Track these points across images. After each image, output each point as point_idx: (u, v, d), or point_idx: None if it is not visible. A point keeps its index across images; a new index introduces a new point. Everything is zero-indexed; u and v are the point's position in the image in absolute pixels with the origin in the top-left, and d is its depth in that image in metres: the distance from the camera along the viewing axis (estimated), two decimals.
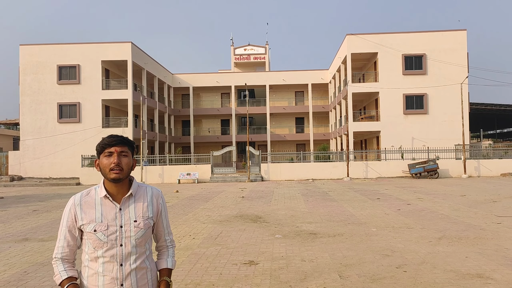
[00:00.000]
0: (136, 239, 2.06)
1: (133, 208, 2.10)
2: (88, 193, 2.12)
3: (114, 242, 2.03)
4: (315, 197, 16.09)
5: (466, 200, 13.84)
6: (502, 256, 6.33)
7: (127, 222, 2.06)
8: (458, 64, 31.20)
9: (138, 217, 2.09)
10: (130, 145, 2.12)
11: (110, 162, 2.04)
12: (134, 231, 2.06)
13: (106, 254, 2.02)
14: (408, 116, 31.72)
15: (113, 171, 2.03)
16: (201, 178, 28.04)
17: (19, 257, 7.04)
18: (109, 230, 2.03)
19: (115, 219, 2.05)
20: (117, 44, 33.17)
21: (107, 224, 2.03)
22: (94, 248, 2.03)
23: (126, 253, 2.04)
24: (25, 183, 29.06)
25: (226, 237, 8.38)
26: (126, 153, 2.08)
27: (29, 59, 32.81)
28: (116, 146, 2.05)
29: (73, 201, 2.09)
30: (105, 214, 2.05)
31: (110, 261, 2.02)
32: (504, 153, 28.99)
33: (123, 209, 2.08)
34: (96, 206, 2.07)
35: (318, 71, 43.78)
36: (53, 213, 13.07)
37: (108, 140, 2.06)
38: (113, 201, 2.07)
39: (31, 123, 32.53)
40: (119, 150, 2.05)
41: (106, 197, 2.08)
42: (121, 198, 2.09)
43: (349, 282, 5.23)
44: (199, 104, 45.62)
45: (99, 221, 2.03)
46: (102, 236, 2.02)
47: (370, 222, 9.83)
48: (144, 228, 2.10)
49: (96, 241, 2.02)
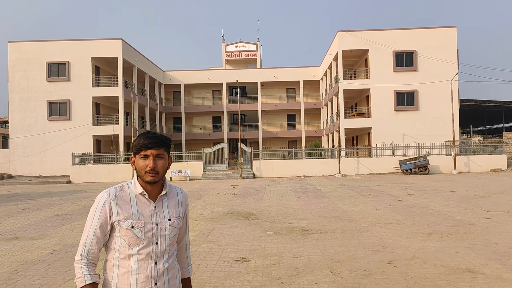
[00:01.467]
0: (170, 237, 2.06)
1: (166, 207, 2.09)
2: (122, 188, 2.07)
3: (150, 239, 2.00)
4: (307, 193, 16.14)
5: (456, 196, 13.97)
6: (491, 251, 6.40)
7: (162, 220, 2.05)
8: (448, 60, 31.42)
9: (171, 216, 2.08)
10: (166, 146, 2.07)
11: (146, 164, 1.99)
12: (169, 229, 2.05)
13: (141, 252, 1.98)
14: (399, 112, 31.90)
15: (149, 174, 1.99)
16: (193, 175, 27.97)
17: (8, 256, 6.96)
18: (146, 228, 2.00)
19: (151, 217, 2.03)
20: (107, 41, 32.87)
21: (143, 221, 2.00)
22: (129, 246, 1.98)
23: (161, 252, 2.02)
24: (14, 182, 28.75)
25: (218, 234, 8.37)
26: (162, 155, 2.04)
27: (18, 56, 32.39)
28: (153, 149, 2.00)
29: (108, 195, 2.02)
30: (141, 210, 2.02)
31: (145, 259, 1.99)
32: (494, 149, 29.28)
33: (157, 207, 2.06)
34: (132, 202, 2.03)
35: (310, 68, 43.82)
36: (43, 211, 12.95)
37: (145, 142, 1.99)
38: (149, 199, 2.05)
39: (21, 121, 32.16)
40: (155, 153, 2.01)
41: (142, 194, 2.04)
42: (155, 196, 2.07)
43: (341, 278, 5.25)
44: (190, 101, 45.45)
45: (136, 217, 2.00)
46: (140, 233, 1.98)
47: (361, 218, 9.89)
48: (177, 228, 2.10)
49: (133, 238, 1.98)
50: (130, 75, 36.18)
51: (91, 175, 28.37)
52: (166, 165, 2.06)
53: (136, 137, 2.07)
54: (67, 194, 18.86)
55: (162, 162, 2.03)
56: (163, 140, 2.05)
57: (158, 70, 41.87)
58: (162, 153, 2.03)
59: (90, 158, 29.47)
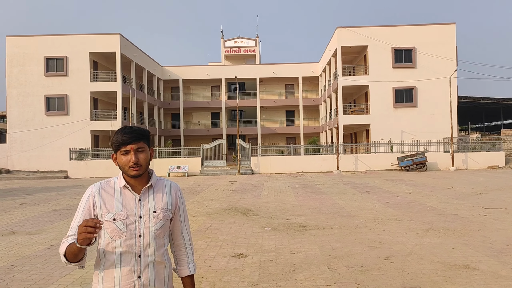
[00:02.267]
0: (155, 230, 2.04)
1: (152, 199, 2.08)
2: (108, 182, 2.09)
3: (133, 232, 2.00)
4: (305, 190, 16.15)
5: (454, 193, 14.00)
6: (488, 248, 6.42)
7: (147, 212, 2.04)
8: (447, 57, 31.40)
9: (157, 208, 2.07)
10: (146, 138, 2.06)
11: (128, 160, 1.99)
12: (153, 222, 2.04)
13: (124, 244, 1.98)
14: (397, 109, 31.91)
15: (132, 169, 1.99)
16: (191, 171, 27.97)
17: (6, 251, 6.96)
18: (129, 220, 2.00)
19: (135, 209, 2.03)
20: (106, 35, 32.73)
21: (126, 213, 2.01)
22: (111, 238, 1.98)
23: (144, 244, 2.01)
24: (12, 176, 28.71)
25: (216, 230, 8.38)
26: (143, 148, 2.03)
27: (16, 50, 32.26)
28: (132, 144, 2.00)
29: (92, 189, 2.06)
30: (124, 203, 2.02)
31: (128, 252, 1.99)
32: (491, 146, 29.34)
33: (142, 200, 2.05)
34: (116, 195, 2.04)
35: (309, 64, 43.73)
36: (41, 206, 12.94)
37: (123, 138, 1.99)
38: (133, 192, 2.05)
39: (18, 116, 32.07)
40: (135, 148, 2.00)
41: (125, 187, 2.05)
42: (141, 189, 2.07)
43: (338, 274, 5.26)
44: (189, 97, 45.37)
45: (118, 210, 2.01)
46: (121, 225, 1.98)
47: (359, 214, 9.90)
48: (163, 220, 2.07)
49: (115, 230, 1.98)
50: (128, 70, 36.08)
51: (89, 171, 28.34)
52: (148, 158, 2.06)
53: (114, 134, 2.06)
54: (65, 189, 18.84)
55: (143, 155, 2.03)
56: (141, 133, 2.05)
57: (156, 66, 41.75)
58: (142, 146, 2.03)
59: (88, 154, 29.43)
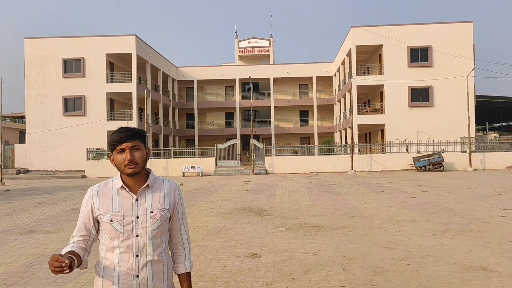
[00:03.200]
0: (152, 230, 2.07)
1: (149, 199, 2.11)
2: (106, 184, 2.14)
3: (130, 232, 2.04)
4: (319, 190, 16.09)
5: (471, 193, 13.79)
6: (506, 249, 6.32)
7: (143, 213, 2.07)
8: (464, 56, 30.93)
9: (154, 208, 2.10)
10: (141, 137, 2.11)
11: (123, 158, 2.04)
12: (150, 222, 2.07)
13: (122, 245, 2.03)
14: (413, 109, 31.55)
15: (128, 167, 2.04)
16: (206, 171, 28.11)
17: (24, 249, 7.10)
18: (125, 221, 2.04)
19: (132, 210, 2.06)
20: (121, 37, 33.15)
21: (123, 214, 2.05)
22: (110, 239, 2.04)
23: (142, 244, 2.05)
24: (31, 176, 29.27)
25: (230, 229, 8.41)
26: (138, 146, 2.07)
27: (34, 52, 32.88)
28: (127, 142, 2.04)
29: (91, 191, 2.12)
30: (121, 204, 2.06)
31: (126, 252, 2.04)
32: (510, 146, 28.80)
33: (139, 200, 2.09)
34: (113, 196, 2.08)
35: (323, 64, 43.54)
36: (59, 205, 13.16)
37: (117, 136, 2.05)
38: (130, 192, 2.09)
39: (37, 116, 32.69)
40: (130, 146, 2.05)
41: (122, 188, 2.09)
42: (138, 189, 2.10)
43: (352, 275, 5.24)
44: (203, 97, 45.61)
45: (115, 211, 2.05)
46: (118, 226, 2.03)
47: (374, 215, 9.83)
48: (161, 220, 2.10)
49: (113, 231, 2.03)
50: (143, 71, 36.44)
51: (106, 170, 28.70)
52: (144, 156, 2.09)
53: (111, 135, 2.10)
54: (82, 189, 19.12)
55: (139, 153, 2.07)
56: (136, 132, 2.09)
57: (171, 66, 42.07)
58: (138, 145, 2.07)
59: (105, 153, 29.82)
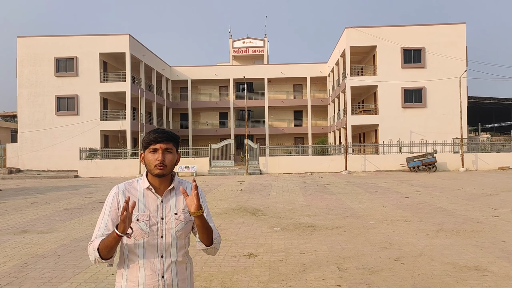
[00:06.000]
0: (176, 231, 2.08)
1: (174, 201, 2.13)
2: (131, 183, 2.14)
3: (155, 233, 2.05)
4: (314, 190, 16.14)
5: (464, 194, 13.90)
6: (499, 249, 6.38)
7: (168, 214, 2.09)
8: (457, 57, 31.15)
9: (178, 210, 2.12)
10: (175, 141, 2.13)
11: (155, 158, 2.05)
12: (174, 223, 2.09)
13: (146, 245, 2.04)
14: (406, 109, 31.73)
15: (157, 167, 2.05)
16: (200, 171, 28.06)
17: (18, 249, 7.05)
18: (151, 221, 2.05)
19: (157, 211, 2.07)
20: (115, 36, 32.97)
21: (149, 214, 2.05)
22: (134, 238, 2.03)
23: (166, 245, 2.06)
24: (23, 176, 29.03)
25: (225, 229, 8.41)
26: (171, 150, 2.09)
27: (27, 51, 32.61)
28: (162, 143, 2.06)
29: (117, 189, 2.11)
30: (147, 205, 2.07)
31: (151, 252, 2.04)
32: (502, 146, 29.08)
33: (164, 202, 2.10)
34: (139, 196, 2.09)
35: (317, 64, 43.65)
36: (52, 205, 13.08)
37: (154, 136, 2.07)
38: (155, 193, 2.10)
39: (29, 116, 32.42)
40: (164, 147, 2.07)
41: (148, 189, 2.10)
42: (163, 191, 2.12)
43: (348, 274, 5.27)
44: (197, 97, 45.52)
45: (141, 211, 2.05)
46: (144, 226, 2.03)
47: (368, 215, 9.88)
48: (184, 221, 2.12)
49: (138, 231, 2.03)
50: (137, 70, 36.29)
51: (99, 170, 28.56)
52: (174, 160, 2.11)
53: (146, 133, 2.12)
54: (75, 189, 19.01)
55: (170, 156, 2.09)
56: (172, 135, 2.12)
57: (165, 66, 41.95)
58: (171, 148, 2.09)
59: (98, 153, 29.67)
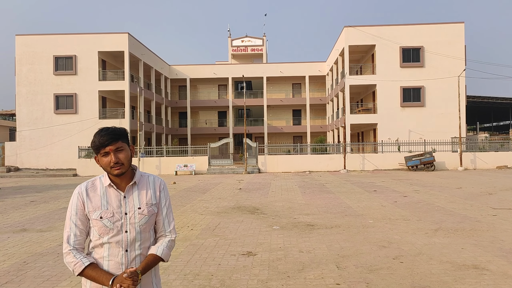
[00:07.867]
0: (140, 225, 2.12)
1: (137, 196, 2.15)
2: (93, 182, 2.16)
3: (119, 228, 2.08)
4: (312, 189, 16.16)
5: (462, 193, 13.93)
6: (497, 248, 6.40)
7: (132, 209, 2.12)
8: (455, 56, 31.20)
9: (142, 204, 2.14)
10: (123, 137, 2.12)
11: (108, 161, 2.06)
12: (138, 217, 2.12)
13: (111, 240, 2.07)
14: (405, 108, 31.77)
15: (114, 168, 2.06)
16: (198, 169, 28.06)
17: (17, 248, 7.06)
18: (115, 217, 2.08)
19: (120, 207, 2.10)
20: (114, 34, 32.92)
21: (112, 211, 2.09)
22: (99, 235, 2.08)
23: (131, 239, 2.10)
24: (21, 174, 29.00)
25: (224, 228, 8.42)
26: (122, 147, 2.09)
27: (25, 49, 32.54)
28: (110, 145, 2.05)
29: (79, 189, 2.14)
30: (110, 201, 2.10)
31: (115, 247, 2.08)
32: (500, 146, 29.13)
33: (127, 197, 2.13)
34: (102, 194, 2.12)
35: (316, 63, 43.66)
36: (51, 204, 13.08)
37: (100, 140, 2.05)
38: (117, 190, 2.12)
39: (28, 114, 32.36)
40: (114, 148, 2.06)
41: (110, 186, 2.12)
42: (125, 187, 2.14)
43: (346, 273, 5.28)
44: (196, 96, 45.49)
45: (104, 208, 2.09)
46: (108, 222, 2.07)
47: (367, 214, 9.90)
48: (148, 215, 2.15)
49: (102, 228, 2.07)
50: (136, 69, 36.25)
51: (98, 168, 28.42)
52: (129, 155, 2.11)
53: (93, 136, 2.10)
54: (74, 187, 18.92)
55: (123, 154, 2.09)
56: (118, 133, 2.10)
57: (164, 64, 41.91)
58: (121, 146, 2.09)
59: None
